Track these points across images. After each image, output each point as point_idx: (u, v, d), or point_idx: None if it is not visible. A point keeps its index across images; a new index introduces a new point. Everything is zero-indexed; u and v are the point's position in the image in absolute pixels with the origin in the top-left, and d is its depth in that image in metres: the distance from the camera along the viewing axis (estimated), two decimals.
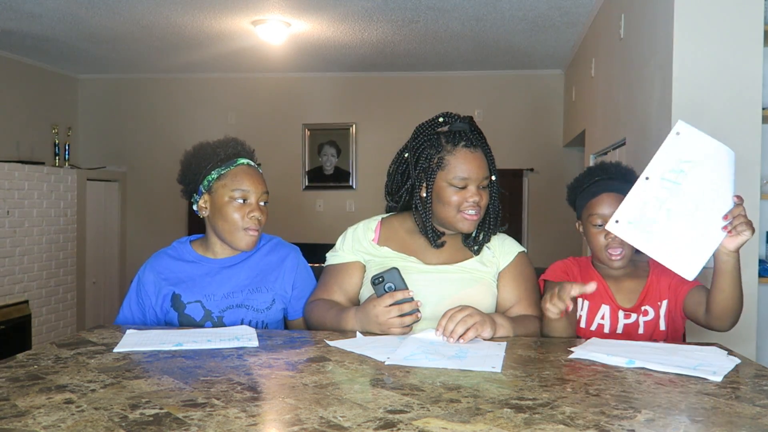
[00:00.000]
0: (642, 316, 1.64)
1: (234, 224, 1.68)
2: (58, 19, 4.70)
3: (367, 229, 1.73)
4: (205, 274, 1.73)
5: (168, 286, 1.72)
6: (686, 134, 1.43)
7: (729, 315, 1.50)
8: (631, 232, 1.43)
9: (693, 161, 1.41)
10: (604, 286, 1.67)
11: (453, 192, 1.60)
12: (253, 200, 1.69)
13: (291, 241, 1.88)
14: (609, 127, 3.83)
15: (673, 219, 1.41)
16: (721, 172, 1.41)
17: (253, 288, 1.72)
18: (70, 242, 5.47)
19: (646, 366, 1.23)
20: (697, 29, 2.35)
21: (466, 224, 1.62)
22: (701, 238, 1.40)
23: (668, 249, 1.41)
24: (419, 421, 0.93)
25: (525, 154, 6.30)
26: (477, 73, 6.37)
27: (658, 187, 1.42)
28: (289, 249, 1.82)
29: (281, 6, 4.36)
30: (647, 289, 1.65)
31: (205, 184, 1.70)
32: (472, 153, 1.60)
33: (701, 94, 2.34)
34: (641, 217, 1.42)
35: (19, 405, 1.00)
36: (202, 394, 1.05)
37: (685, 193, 1.41)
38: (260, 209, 1.70)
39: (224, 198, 1.68)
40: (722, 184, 1.40)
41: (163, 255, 1.79)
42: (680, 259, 1.41)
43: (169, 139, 6.65)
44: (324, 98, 6.61)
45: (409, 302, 1.49)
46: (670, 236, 1.41)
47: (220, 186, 1.69)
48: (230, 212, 1.68)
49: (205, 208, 1.72)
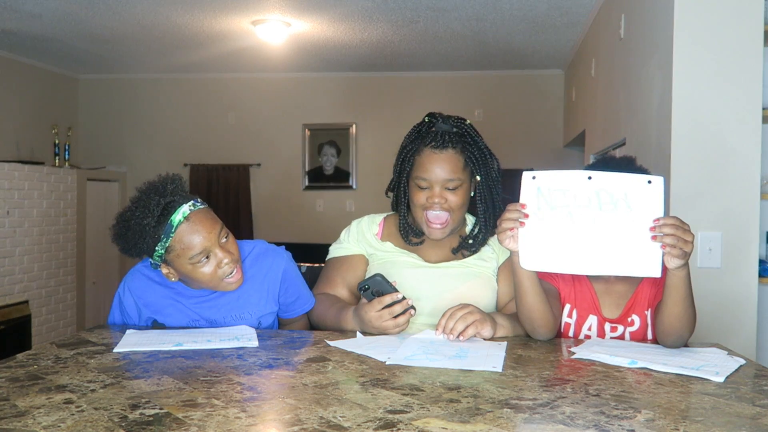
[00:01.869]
0: (628, 327, 1.58)
1: (210, 280, 1.53)
2: (58, 19, 4.70)
3: (371, 223, 1.75)
4: (187, 300, 1.62)
5: (149, 313, 1.63)
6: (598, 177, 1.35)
7: (672, 334, 1.40)
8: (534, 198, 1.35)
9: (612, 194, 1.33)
10: (592, 296, 1.60)
11: (418, 191, 1.62)
12: (216, 250, 1.50)
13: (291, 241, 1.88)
14: (609, 127, 3.83)
15: (576, 221, 1.33)
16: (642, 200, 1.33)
17: (237, 315, 1.62)
18: (70, 242, 5.47)
19: (648, 366, 1.23)
20: (697, 29, 2.35)
21: (434, 233, 1.63)
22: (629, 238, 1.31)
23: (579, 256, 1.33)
24: (419, 421, 0.93)
25: (525, 154, 6.29)
26: (477, 73, 6.37)
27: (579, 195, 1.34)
28: (272, 257, 1.67)
29: (281, 6, 4.36)
30: (635, 296, 1.59)
31: (157, 260, 1.51)
32: (437, 154, 1.60)
33: (701, 94, 2.34)
34: (548, 195, 1.35)
35: (19, 405, 1.00)
36: (202, 394, 1.05)
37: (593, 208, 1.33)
38: (226, 251, 1.52)
39: (186, 267, 1.50)
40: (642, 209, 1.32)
41: (138, 276, 1.65)
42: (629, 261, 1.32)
43: (169, 139, 6.65)
44: (324, 98, 6.61)
45: (400, 302, 1.49)
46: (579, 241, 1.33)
47: (174, 258, 1.50)
48: (199, 274, 1.51)
49: (173, 275, 1.55)
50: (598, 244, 1.33)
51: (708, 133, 2.34)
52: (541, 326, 1.47)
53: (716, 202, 2.29)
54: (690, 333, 1.41)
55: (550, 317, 1.48)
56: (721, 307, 2.30)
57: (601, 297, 1.60)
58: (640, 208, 1.31)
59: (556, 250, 1.35)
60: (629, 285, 1.60)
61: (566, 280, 1.62)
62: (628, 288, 1.60)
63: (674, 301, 1.37)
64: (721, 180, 2.32)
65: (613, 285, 1.61)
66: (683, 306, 1.37)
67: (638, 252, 1.31)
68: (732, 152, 2.32)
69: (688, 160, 2.34)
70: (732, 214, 2.30)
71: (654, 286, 1.57)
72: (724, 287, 2.32)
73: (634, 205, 1.32)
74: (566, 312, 1.60)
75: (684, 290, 1.36)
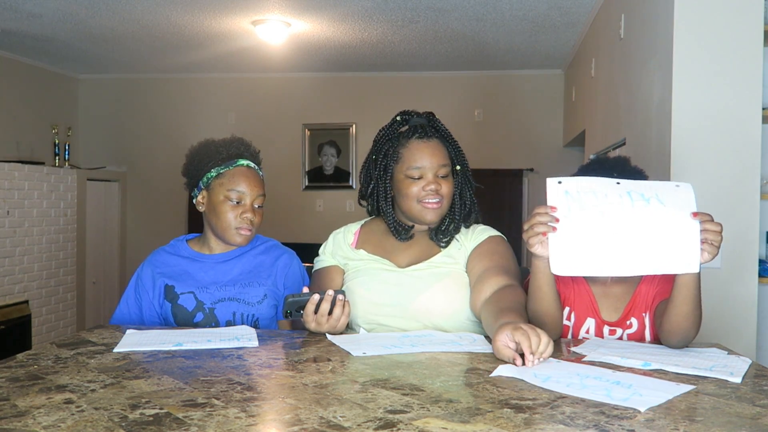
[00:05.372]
0: (627, 329, 1.57)
1: (227, 223, 1.74)
2: (58, 19, 4.70)
3: (347, 232, 1.77)
4: (199, 269, 1.79)
5: (162, 278, 1.78)
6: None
7: (679, 333, 1.39)
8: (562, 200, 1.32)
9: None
10: (591, 299, 1.60)
11: (410, 183, 1.62)
12: (248, 202, 1.74)
13: (291, 241, 1.90)
14: (609, 127, 3.83)
15: (609, 220, 1.30)
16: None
17: (246, 282, 1.76)
18: (70, 242, 5.47)
19: (662, 368, 1.22)
20: (697, 29, 2.35)
21: (429, 213, 1.63)
22: (672, 231, 1.28)
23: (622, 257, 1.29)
24: (419, 421, 0.93)
25: (525, 154, 6.29)
26: (477, 73, 6.37)
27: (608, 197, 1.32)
28: (283, 251, 1.86)
29: (281, 6, 4.36)
30: (634, 299, 1.58)
31: (204, 180, 1.76)
32: (425, 143, 1.62)
33: (701, 94, 2.34)
34: (577, 197, 1.32)
35: (19, 405, 1.00)
36: (202, 394, 1.05)
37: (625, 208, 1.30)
38: (254, 211, 1.75)
39: (220, 197, 1.74)
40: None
41: (160, 251, 1.86)
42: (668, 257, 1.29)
43: (169, 139, 6.65)
44: (324, 98, 6.61)
45: (324, 299, 1.47)
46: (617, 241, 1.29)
47: (217, 185, 1.75)
48: (224, 211, 1.73)
49: (202, 204, 1.79)
50: (633, 242, 1.29)
51: (708, 133, 2.34)
52: (551, 330, 1.45)
53: (716, 202, 2.29)
54: (696, 332, 1.40)
55: (560, 321, 1.49)
56: (721, 307, 2.30)
57: (600, 300, 1.59)
58: (673, 205, 1.30)
59: (590, 252, 1.30)
60: (627, 287, 1.59)
61: (565, 283, 1.60)
62: (626, 290, 1.59)
63: (684, 300, 1.36)
64: (721, 180, 2.32)
65: (611, 287, 1.60)
66: (692, 305, 1.36)
67: (676, 248, 1.28)
68: (732, 152, 2.32)
69: (688, 160, 2.34)
70: (732, 215, 2.30)
71: (653, 289, 1.56)
72: (724, 287, 2.32)
73: (667, 202, 1.30)
74: (565, 314, 1.59)
75: (695, 289, 1.36)
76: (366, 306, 1.60)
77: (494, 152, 6.21)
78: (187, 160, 1.82)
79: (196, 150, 1.81)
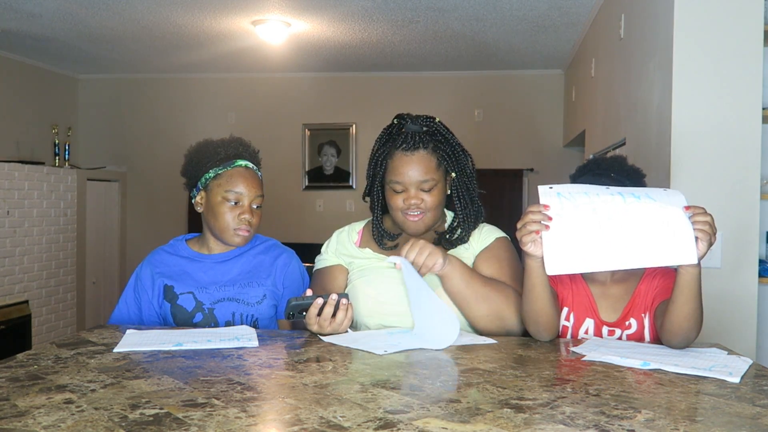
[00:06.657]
0: (626, 330, 1.56)
1: (225, 224, 1.73)
2: (58, 19, 4.70)
3: (351, 231, 1.77)
4: (199, 269, 1.79)
5: (162, 279, 1.78)
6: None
7: (680, 334, 1.38)
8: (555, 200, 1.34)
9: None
10: (589, 299, 1.59)
11: (394, 195, 1.63)
12: (246, 203, 1.74)
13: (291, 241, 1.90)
14: (609, 127, 3.83)
15: (602, 215, 1.31)
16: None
17: (245, 283, 1.76)
18: (70, 242, 5.47)
19: (662, 367, 1.22)
20: (697, 29, 2.35)
21: (411, 226, 1.63)
22: (662, 227, 1.29)
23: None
24: (419, 421, 0.93)
25: (525, 154, 6.29)
26: (477, 73, 6.37)
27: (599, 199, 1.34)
28: (282, 250, 1.86)
29: (281, 6, 4.36)
30: (633, 300, 1.57)
31: (203, 181, 1.76)
32: (407, 156, 1.60)
33: (701, 94, 2.34)
34: (570, 197, 1.34)
35: (19, 405, 1.00)
36: (202, 394, 1.05)
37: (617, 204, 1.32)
38: (252, 212, 1.74)
39: (218, 198, 1.73)
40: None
41: (159, 251, 1.85)
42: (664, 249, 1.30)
43: (169, 139, 6.64)
44: (324, 98, 6.61)
45: (327, 303, 1.48)
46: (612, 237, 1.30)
47: (215, 185, 1.74)
48: (222, 212, 1.73)
49: (200, 204, 1.79)
50: (627, 235, 1.30)
51: (708, 133, 2.34)
52: (545, 329, 1.47)
53: (716, 202, 2.29)
54: (697, 333, 1.39)
55: (556, 321, 1.49)
56: (721, 307, 2.30)
57: (599, 300, 1.59)
58: (664, 201, 1.31)
59: (584, 249, 1.31)
60: (626, 288, 1.59)
61: (564, 283, 1.60)
62: (626, 291, 1.58)
63: (685, 300, 1.36)
64: (721, 180, 2.32)
65: (610, 288, 1.59)
66: (693, 305, 1.36)
67: (671, 240, 1.29)
68: (732, 152, 2.32)
69: (688, 160, 2.34)
70: (732, 214, 2.30)
71: (653, 289, 1.56)
72: (724, 287, 2.32)
73: (658, 198, 1.31)
74: (564, 315, 1.59)
75: (696, 289, 1.35)
76: (372, 304, 1.61)
77: (494, 152, 6.20)
78: (185, 161, 1.82)
79: (194, 150, 1.81)
